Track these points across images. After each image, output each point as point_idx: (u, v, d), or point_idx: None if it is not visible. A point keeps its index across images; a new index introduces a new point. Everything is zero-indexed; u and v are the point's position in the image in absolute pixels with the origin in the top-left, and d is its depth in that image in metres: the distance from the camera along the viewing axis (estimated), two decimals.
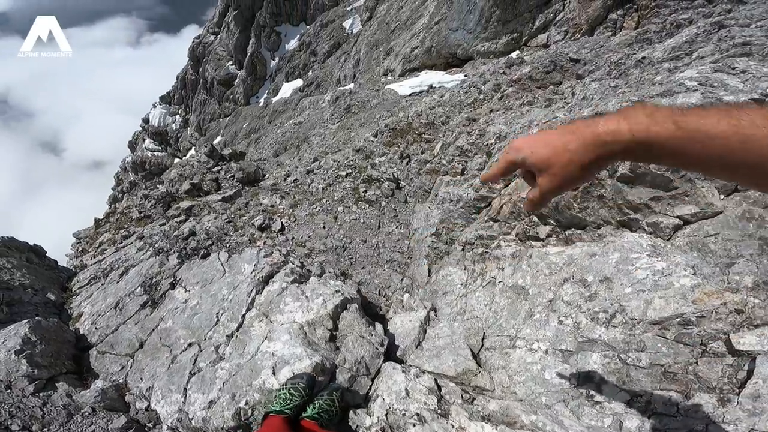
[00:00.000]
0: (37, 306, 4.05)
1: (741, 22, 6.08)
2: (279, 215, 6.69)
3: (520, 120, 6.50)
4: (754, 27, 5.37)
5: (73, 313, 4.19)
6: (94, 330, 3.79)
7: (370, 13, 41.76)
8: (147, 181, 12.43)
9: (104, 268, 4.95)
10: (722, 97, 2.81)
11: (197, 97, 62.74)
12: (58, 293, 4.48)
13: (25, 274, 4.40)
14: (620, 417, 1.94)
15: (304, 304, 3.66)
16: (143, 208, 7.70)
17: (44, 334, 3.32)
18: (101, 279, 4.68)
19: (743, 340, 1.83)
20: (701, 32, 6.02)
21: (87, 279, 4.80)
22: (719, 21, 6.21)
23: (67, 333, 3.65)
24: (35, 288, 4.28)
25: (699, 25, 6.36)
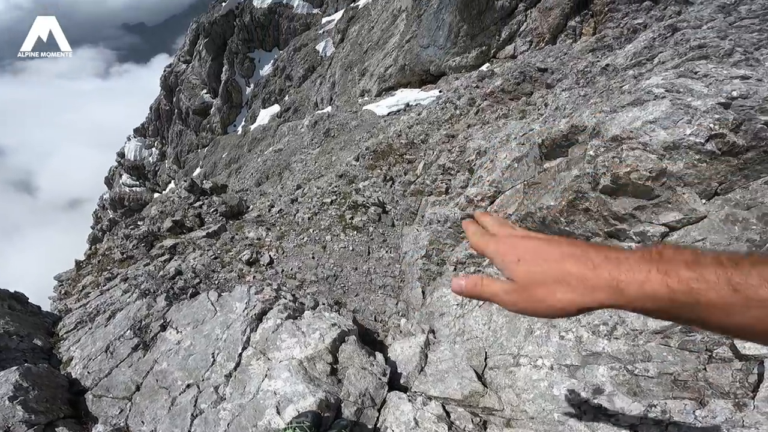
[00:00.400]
0: (25, 352, 4.00)
1: (692, 24, 6.37)
2: (266, 248, 6.63)
3: (498, 134, 6.62)
4: (706, 29, 5.62)
5: (62, 357, 4.13)
6: (87, 374, 3.75)
7: (342, 35, 42.49)
8: (127, 219, 12.20)
9: (90, 311, 4.91)
10: (690, 103, 2.91)
11: (173, 128, 62.06)
12: (45, 338, 4.44)
13: (8, 321, 4.35)
14: (637, 428, 1.94)
15: (301, 339, 3.61)
16: (125, 248, 7.53)
17: (36, 380, 3.29)
18: (88, 323, 4.63)
19: (748, 345, 1.85)
20: (657, 36, 6.29)
21: (73, 323, 4.75)
22: (672, 24, 6.50)
23: (60, 378, 3.62)
24: (20, 334, 4.23)
25: (654, 29, 6.65)
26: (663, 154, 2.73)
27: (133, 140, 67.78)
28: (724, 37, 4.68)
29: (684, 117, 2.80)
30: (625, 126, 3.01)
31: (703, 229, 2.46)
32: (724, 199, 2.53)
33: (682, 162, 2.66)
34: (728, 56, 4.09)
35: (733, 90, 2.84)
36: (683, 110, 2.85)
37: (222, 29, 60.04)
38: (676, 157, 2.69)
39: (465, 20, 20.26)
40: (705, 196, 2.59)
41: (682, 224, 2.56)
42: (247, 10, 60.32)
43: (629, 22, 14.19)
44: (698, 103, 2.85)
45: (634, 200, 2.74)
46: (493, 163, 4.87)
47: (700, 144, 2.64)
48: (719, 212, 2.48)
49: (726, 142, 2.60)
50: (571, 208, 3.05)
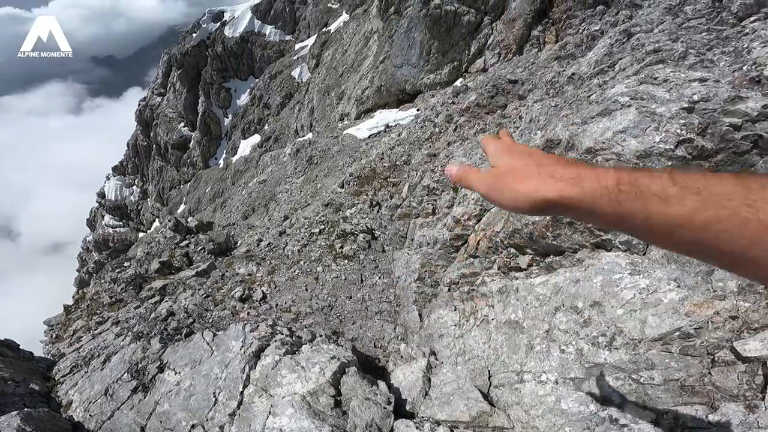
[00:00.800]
0: (23, 397, 4.01)
1: (645, 28, 6.67)
2: (258, 284, 6.59)
3: (478, 150, 6.77)
4: (658, 32, 5.87)
5: (62, 401, 4.13)
6: (89, 417, 3.74)
7: (316, 60, 43.07)
8: (113, 260, 11.96)
9: (84, 356, 4.93)
10: (655, 110, 3.03)
11: (152, 164, 61.22)
12: (42, 383, 4.44)
13: (1, 367, 4.33)
14: None
15: (302, 374, 3.59)
16: (113, 292, 7.41)
17: (38, 424, 3.29)
18: (83, 367, 4.64)
19: (747, 347, 1.89)
20: (614, 42, 6.56)
21: (68, 367, 4.75)
22: (626, 29, 6.79)
23: (62, 421, 3.62)
24: (16, 380, 4.22)
25: (611, 35, 6.94)
26: (637, 163, 2.83)
27: (112, 179, 66.64)
28: (676, 39, 4.91)
29: (651, 125, 2.91)
30: (597, 137, 3.12)
31: None
32: None
33: None
34: (683, 59, 4.30)
35: (694, 94, 2.98)
36: (650, 118, 2.97)
37: (195, 60, 59.34)
38: (650, 165, 2.79)
39: (435, 37, 20.82)
40: None
41: None
42: (219, 39, 60.23)
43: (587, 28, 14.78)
44: (663, 110, 2.97)
45: None
46: None
47: (670, 150, 2.75)
48: None
49: (695, 147, 2.71)
50: (555, 222, 3.13)
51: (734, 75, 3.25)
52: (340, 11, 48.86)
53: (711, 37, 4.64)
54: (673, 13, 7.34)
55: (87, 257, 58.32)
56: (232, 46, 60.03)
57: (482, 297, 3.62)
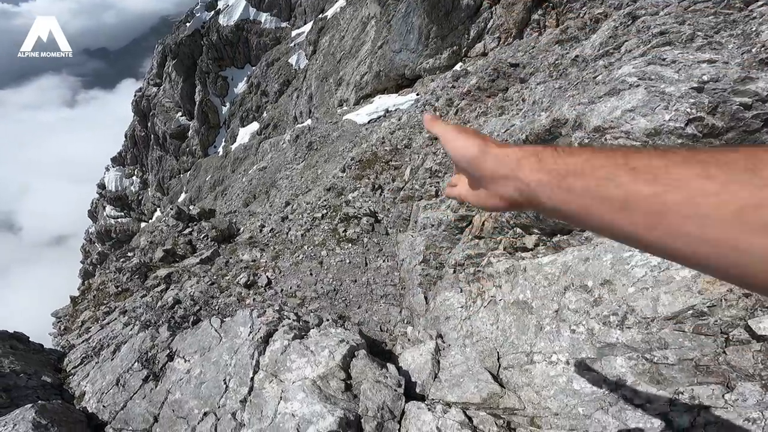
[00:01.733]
0: (35, 389, 4.05)
1: (650, 11, 6.55)
2: (263, 269, 6.59)
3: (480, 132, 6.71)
4: (664, 14, 5.76)
5: (74, 392, 4.17)
6: (102, 408, 3.79)
7: (313, 47, 42.49)
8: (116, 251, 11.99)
9: (94, 346, 4.96)
10: (664, 90, 2.99)
11: (151, 154, 60.92)
12: (53, 375, 4.48)
13: (13, 360, 4.36)
14: (668, 415, 1.95)
15: (311, 358, 3.61)
16: (119, 281, 7.44)
17: (53, 417, 3.30)
18: (94, 357, 4.68)
19: (762, 325, 1.87)
20: (619, 25, 6.45)
21: (79, 358, 4.78)
22: (631, 12, 6.66)
23: (76, 413, 3.66)
24: (28, 372, 4.26)
25: (615, 18, 6.81)
26: (646, 141, 2.81)
27: (112, 170, 66.44)
28: (682, 22, 4.82)
29: (660, 103, 2.88)
30: (605, 116, 3.09)
31: None
32: None
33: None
34: (690, 41, 4.23)
35: (703, 74, 2.94)
36: (659, 97, 2.94)
37: (189, 49, 58.54)
38: (660, 143, 2.77)
39: (434, 22, 20.49)
40: None
41: None
42: (214, 28, 59.28)
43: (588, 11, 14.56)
44: (672, 89, 2.93)
45: None
46: None
47: (680, 128, 2.72)
48: None
49: (705, 125, 2.69)
50: None
51: (743, 57, 3.21)
52: None
53: (718, 20, 4.56)
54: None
55: (90, 248, 58.54)
56: (227, 34, 59.14)
57: (489, 278, 3.62)
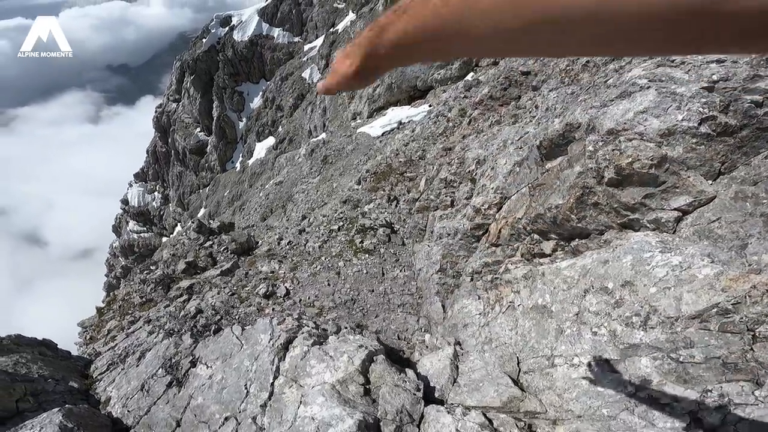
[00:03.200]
0: (63, 394, 4.15)
1: None
2: (281, 280, 6.70)
3: (494, 141, 6.73)
4: None
5: (100, 398, 4.30)
6: (127, 413, 3.89)
7: (326, 61, 43.20)
8: (139, 264, 12.32)
9: (119, 353, 5.10)
10: (675, 90, 2.99)
11: (172, 170, 62.38)
12: (80, 381, 4.61)
13: (41, 366, 4.51)
14: (697, 414, 1.93)
15: (330, 363, 3.66)
16: (143, 292, 7.66)
17: (80, 421, 3.40)
18: (119, 364, 4.82)
19: None
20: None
21: (105, 365, 4.92)
22: None
23: (101, 417, 3.78)
24: (56, 378, 4.39)
25: None
26: (660, 141, 2.81)
27: (134, 186, 68.29)
28: None
29: (672, 104, 2.89)
30: (618, 119, 3.10)
31: (716, 208, 2.51)
32: (730, 178, 2.59)
33: (680, 147, 2.73)
34: None
35: (713, 74, 2.93)
36: (670, 98, 2.94)
37: (206, 65, 59.70)
38: (674, 143, 2.76)
39: None
40: (710, 176, 2.65)
41: (693, 207, 2.62)
42: (229, 44, 60.43)
43: None
44: (683, 90, 2.93)
45: (641, 189, 2.80)
46: (494, 170, 4.96)
47: (694, 128, 2.72)
48: (728, 191, 2.53)
49: (719, 124, 2.68)
50: (580, 204, 3.11)
51: (751, 56, 3.20)
52: (346, 11, 48.87)
53: None
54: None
55: (114, 262, 59.98)
56: (241, 49, 60.32)
57: (506, 284, 3.62)
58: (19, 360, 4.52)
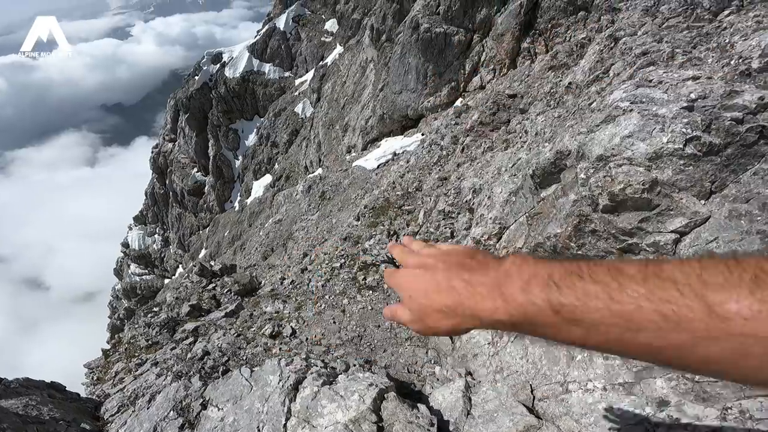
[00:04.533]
0: None
1: (628, 31, 6.73)
2: (286, 320, 6.71)
3: (488, 168, 6.88)
4: (642, 34, 5.90)
5: None
6: None
7: (317, 94, 44.03)
8: (143, 306, 12.24)
9: (129, 395, 5.10)
10: (657, 112, 3.08)
11: (171, 211, 62.25)
12: (92, 423, 4.56)
13: (52, 408, 4.44)
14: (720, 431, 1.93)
15: (341, 403, 3.65)
16: (149, 335, 7.67)
17: None
18: (129, 406, 4.80)
19: None
20: (603, 48, 6.64)
21: (115, 407, 4.88)
22: (611, 34, 6.86)
23: None
24: (67, 420, 4.32)
25: (598, 41, 7.01)
26: (649, 165, 2.89)
27: (134, 229, 68.08)
28: (660, 40, 4.98)
29: (656, 126, 2.98)
30: (606, 144, 3.20)
31: (712, 228, 2.58)
32: (722, 196, 2.66)
33: (669, 169, 2.82)
34: (671, 59, 4.34)
35: (691, 92, 3.03)
36: (653, 120, 3.04)
37: (200, 103, 59.49)
38: (662, 166, 2.85)
39: (429, 60, 21.17)
40: (702, 196, 2.73)
41: (689, 228, 2.69)
42: (221, 81, 59.96)
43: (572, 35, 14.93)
44: (664, 111, 3.03)
45: (636, 213, 2.88)
46: (491, 200, 5.06)
47: (680, 149, 2.81)
48: (721, 210, 2.60)
49: (704, 143, 2.77)
50: (578, 232, 3.18)
51: (724, 70, 3.32)
52: (333, 44, 50.11)
53: (692, 34, 4.69)
54: (651, 14, 7.41)
55: (117, 305, 59.22)
56: (234, 86, 60.26)
57: None
58: (29, 402, 4.45)
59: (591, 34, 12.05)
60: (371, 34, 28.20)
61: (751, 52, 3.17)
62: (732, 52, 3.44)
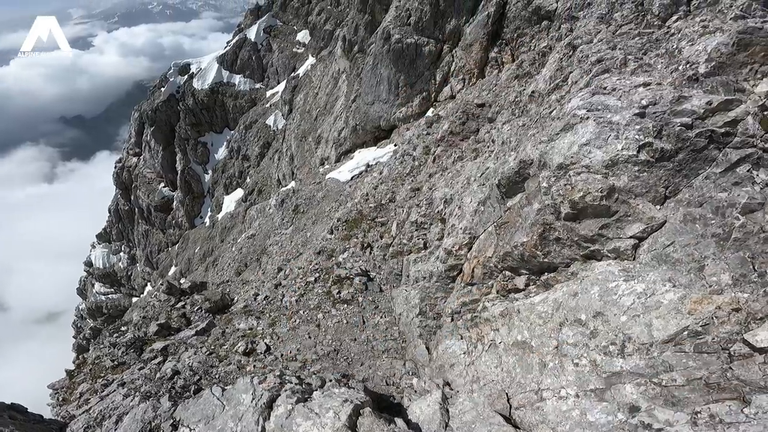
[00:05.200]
0: None
1: (585, 39, 6.97)
2: (260, 336, 6.56)
3: (459, 178, 6.96)
4: (597, 42, 6.10)
5: None
6: None
7: (289, 106, 43.62)
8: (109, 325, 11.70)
9: (95, 416, 4.98)
10: (611, 119, 3.17)
11: (137, 228, 59.76)
12: None
13: (13, 430, 4.28)
14: None
15: (317, 421, 3.58)
16: (115, 356, 7.35)
17: None
18: (96, 428, 4.68)
19: (758, 338, 1.95)
20: (562, 56, 6.85)
21: (81, 429, 4.76)
22: (570, 42, 7.08)
23: None
24: None
25: (558, 50, 7.24)
26: (606, 173, 2.98)
27: (98, 247, 65.01)
28: (614, 47, 5.16)
29: (611, 134, 3.07)
30: (565, 153, 3.28)
31: (668, 233, 2.67)
32: (676, 201, 2.75)
33: (625, 176, 2.91)
34: (624, 65, 4.49)
35: (642, 99, 3.13)
36: (608, 127, 3.13)
37: (167, 116, 57.04)
38: (618, 173, 2.94)
39: (401, 71, 21.43)
40: (657, 202, 2.83)
41: (647, 233, 2.79)
42: (189, 92, 57.62)
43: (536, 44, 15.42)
44: (618, 118, 3.13)
45: (596, 221, 2.97)
46: (461, 209, 5.13)
47: (634, 156, 2.90)
48: (676, 214, 2.69)
49: (656, 150, 2.86)
50: (543, 240, 3.26)
51: (673, 76, 3.40)
52: (306, 55, 49.81)
53: (643, 41, 4.85)
54: (605, 21, 7.68)
55: (82, 324, 56.35)
56: (202, 98, 57.97)
57: (486, 322, 3.69)
58: None
59: (552, 42, 12.46)
60: (343, 45, 28.31)
61: (698, 57, 3.30)
62: (680, 58, 3.57)
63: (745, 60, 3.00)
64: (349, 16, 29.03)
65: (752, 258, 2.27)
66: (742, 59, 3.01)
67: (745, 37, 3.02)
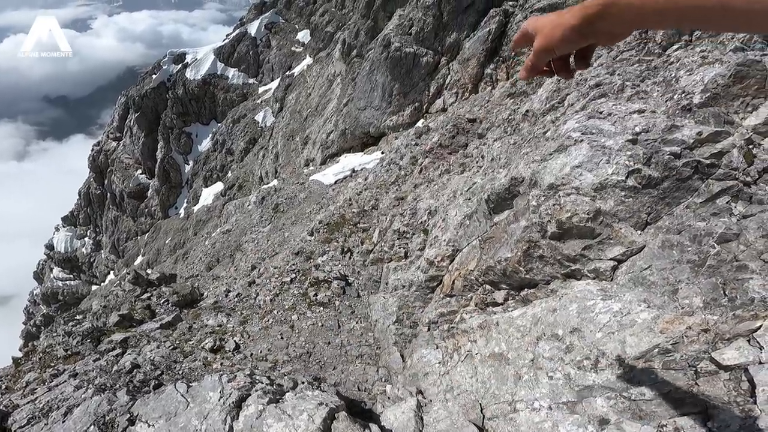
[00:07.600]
0: None
1: None
2: (230, 334, 6.40)
3: (444, 191, 7.03)
4: (597, 65, 6.31)
5: None
6: None
7: (280, 104, 43.22)
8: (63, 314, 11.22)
9: (41, 407, 4.71)
10: (604, 144, 3.29)
11: (106, 214, 57.58)
12: None
13: None
14: None
15: (289, 423, 3.50)
16: (68, 345, 7.01)
17: None
18: (42, 419, 4.41)
19: (725, 356, 2.05)
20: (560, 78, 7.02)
21: (25, 419, 4.48)
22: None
23: None
24: None
25: None
26: (594, 195, 3.08)
27: (62, 230, 62.33)
28: (613, 72, 5.33)
29: (603, 158, 3.18)
30: (557, 173, 3.37)
31: (646, 257, 2.77)
32: (656, 228, 2.85)
33: (611, 200, 3.01)
34: (621, 91, 4.63)
35: (635, 125, 3.23)
36: (600, 151, 3.23)
37: (154, 103, 55.76)
38: (606, 197, 3.04)
39: (396, 79, 21.58)
40: (639, 227, 2.93)
41: (626, 256, 2.88)
42: (180, 82, 56.49)
43: None
44: (611, 143, 3.23)
45: (580, 241, 3.05)
46: (445, 222, 5.17)
47: (622, 181, 3.00)
48: (655, 240, 2.80)
49: (643, 176, 2.96)
50: (527, 257, 3.32)
51: (667, 104, 3.50)
52: (303, 55, 49.59)
53: (642, 68, 5.02)
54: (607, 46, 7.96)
55: (34, 310, 53.80)
56: (193, 88, 56.49)
57: (463, 333, 3.72)
58: None
59: None
60: (342, 48, 28.39)
61: (694, 87, 3.40)
62: (676, 87, 3.69)
63: (739, 92, 3.11)
64: (352, 20, 29.21)
65: (724, 284, 2.38)
66: (736, 91, 3.12)
67: (742, 69, 3.12)
